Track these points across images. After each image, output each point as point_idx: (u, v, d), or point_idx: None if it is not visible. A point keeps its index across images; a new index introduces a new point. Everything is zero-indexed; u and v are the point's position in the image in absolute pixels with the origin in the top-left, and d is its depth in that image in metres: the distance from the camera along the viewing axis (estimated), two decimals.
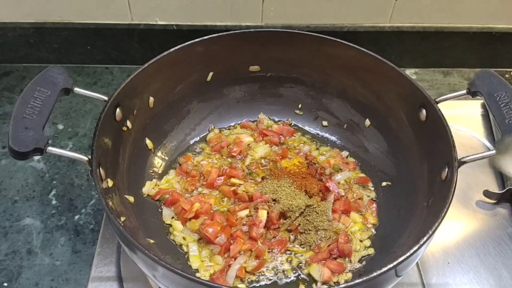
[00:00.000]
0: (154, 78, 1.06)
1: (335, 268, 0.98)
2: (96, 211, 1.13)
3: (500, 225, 1.13)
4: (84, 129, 1.31)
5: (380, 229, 1.06)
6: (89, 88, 1.24)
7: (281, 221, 1.04)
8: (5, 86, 1.41)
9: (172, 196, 1.06)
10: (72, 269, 1.03)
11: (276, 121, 1.26)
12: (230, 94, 1.23)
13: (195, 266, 0.98)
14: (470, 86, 0.96)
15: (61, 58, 1.46)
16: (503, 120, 0.90)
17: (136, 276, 1.00)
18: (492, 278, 1.04)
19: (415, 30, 1.43)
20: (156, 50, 1.05)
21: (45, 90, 0.88)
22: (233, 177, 1.11)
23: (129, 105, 1.01)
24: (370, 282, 0.74)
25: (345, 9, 1.38)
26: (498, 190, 1.17)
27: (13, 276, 1.02)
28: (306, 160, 1.17)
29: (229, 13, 1.38)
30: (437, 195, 0.92)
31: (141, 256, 0.78)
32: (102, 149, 0.92)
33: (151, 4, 1.35)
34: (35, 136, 0.82)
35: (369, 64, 1.08)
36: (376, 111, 1.14)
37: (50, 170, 1.21)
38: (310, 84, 1.21)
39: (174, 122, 1.18)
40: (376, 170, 1.16)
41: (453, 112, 1.29)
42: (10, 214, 1.12)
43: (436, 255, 1.06)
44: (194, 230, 1.02)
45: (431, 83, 1.50)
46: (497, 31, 1.44)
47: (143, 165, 1.11)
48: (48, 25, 1.38)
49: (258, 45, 1.13)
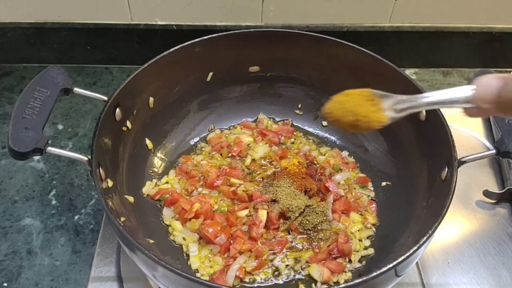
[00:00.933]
0: (154, 78, 1.06)
1: (335, 268, 0.98)
2: (96, 211, 1.13)
3: (500, 225, 1.13)
4: (84, 129, 1.31)
5: (380, 229, 1.06)
6: (89, 88, 1.24)
7: (281, 221, 1.04)
8: (5, 86, 1.41)
9: (172, 196, 1.06)
10: (72, 269, 1.03)
11: (276, 121, 1.26)
12: (230, 94, 1.23)
13: (195, 266, 0.98)
14: None
15: (61, 58, 1.46)
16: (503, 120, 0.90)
17: (136, 276, 1.00)
18: (492, 278, 1.04)
19: (415, 30, 1.43)
20: (156, 50, 1.05)
21: (45, 90, 0.89)
22: (233, 177, 1.11)
23: (129, 105, 1.02)
24: (370, 282, 0.74)
25: (345, 9, 1.38)
26: (498, 190, 1.17)
27: (13, 276, 1.02)
28: (306, 160, 1.17)
29: (229, 13, 1.38)
30: (437, 195, 0.92)
31: (141, 256, 0.78)
32: (102, 149, 0.92)
33: (151, 4, 1.35)
34: (35, 136, 0.82)
35: (369, 64, 1.08)
36: None
37: (50, 170, 1.21)
38: (310, 84, 1.21)
39: (174, 122, 1.18)
40: (376, 170, 1.16)
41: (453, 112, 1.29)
42: (10, 214, 1.12)
43: (436, 255, 1.06)
44: (194, 230, 1.02)
45: (431, 83, 1.50)
46: (497, 31, 1.44)
47: (143, 165, 1.11)
48: (48, 25, 1.38)
49: (258, 45, 1.13)
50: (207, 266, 0.98)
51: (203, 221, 1.02)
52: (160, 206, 1.08)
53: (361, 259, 1.01)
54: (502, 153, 0.88)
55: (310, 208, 1.05)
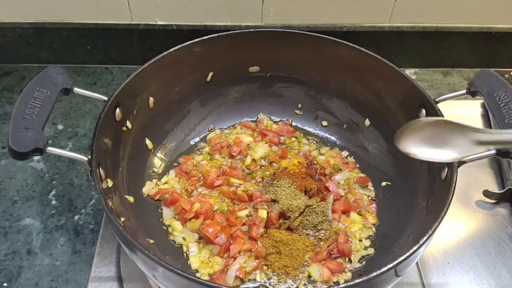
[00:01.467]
0: (154, 78, 1.06)
1: (335, 268, 0.98)
2: (96, 211, 1.13)
3: (500, 225, 1.13)
4: (84, 129, 1.31)
5: (380, 229, 1.06)
6: (89, 88, 1.24)
7: (281, 221, 1.04)
8: (5, 86, 1.41)
9: (172, 196, 1.06)
10: (72, 269, 1.03)
11: (276, 121, 1.26)
12: (229, 94, 1.23)
13: (194, 266, 0.98)
14: (469, 86, 0.96)
15: (60, 58, 1.46)
16: (503, 120, 0.90)
17: (136, 276, 1.00)
18: (492, 278, 1.04)
19: (415, 30, 1.43)
20: (156, 50, 1.05)
21: (44, 90, 0.88)
22: (233, 177, 1.11)
23: (129, 105, 1.01)
24: (370, 282, 0.74)
25: (345, 9, 1.38)
26: (498, 190, 1.17)
27: (13, 276, 1.02)
28: (306, 160, 1.17)
29: (229, 13, 1.38)
30: (436, 195, 0.92)
31: (141, 256, 0.78)
32: (102, 149, 0.92)
33: (151, 4, 1.35)
34: (34, 136, 0.82)
35: (369, 64, 1.08)
36: (376, 111, 1.14)
37: (50, 170, 1.21)
38: (310, 84, 1.21)
39: (174, 122, 1.18)
40: (375, 170, 1.16)
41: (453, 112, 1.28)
42: (10, 214, 1.12)
43: (436, 255, 1.06)
44: (194, 230, 1.02)
45: (430, 83, 1.50)
46: (497, 31, 1.44)
47: (143, 165, 1.11)
48: (47, 25, 1.38)
49: (258, 45, 1.13)
50: (207, 266, 0.98)
51: (203, 221, 1.02)
52: (160, 206, 1.08)
53: (361, 259, 1.01)
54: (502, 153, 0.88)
55: (310, 208, 1.05)
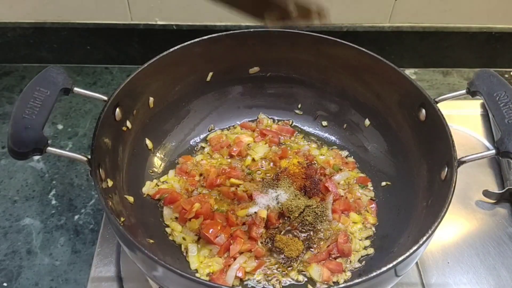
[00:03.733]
0: (154, 78, 1.06)
1: (335, 268, 0.98)
2: (96, 211, 1.13)
3: (500, 225, 1.13)
4: (84, 129, 1.31)
5: (380, 229, 1.06)
6: (89, 88, 1.24)
7: (281, 221, 1.04)
8: (5, 86, 1.41)
9: (171, 196, 1.06)
10: (71, 269, 1.03)
11: (276, 121, 1.26)
12: (230, 94, 1.23)
13: (194, 266, 0.98)
14: (469, 86, 0.96)
15: (60, 58, 1.46)
16: (503, 120, 0.90)
17: (136, 276, 1.00)
18: (491, 278, 1.04)
19: (414, 30, 1.43)
20: (156, 50, 1.05)
21: (44, 90, 0.88)
22: (233, 177, 1.11)
23: (128, 105, 1.01)
24: (369, 282, 0.74)
25: (345, 9, 1.38)
26: (498, 190, 1.17)
27: (13, 276, 1.02)
28: (306, 160, 1.17)
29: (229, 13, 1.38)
30: (436, 195, 0.92)
31: (141, 256, 0.78)
32: (102, 149, 0.92)
33: (151, 4, 1.35)
34: (34, 136, 0.82)
35: (368, 64, 1.08)
36: (376, 111, 1.14)
37: (49, 170, 1.21)
38: (310, 84, 1.21)
39: (174, 122, 1.18)
40: (375, 170, 1.16)
41: (452, 112, 1.29)
42: (9, 214, 1.12)
43: (435, 255, 1.06)
44: (194, 230, 1.02)
45: (430, 83, 1.50)
46: (497, 31, 1.44)
47: (143, 165, 1.11)
48: (47, 25, 1.38)
49: (258, 45, 1.13)
50: (207, 266, 0.98)
51: (203, 221, 1.02)
52: (160, 206, 1.08)
53: (360, 259, 1.01)
54: (502, 153, 0.88)
55: (310, 208, 1.05)
